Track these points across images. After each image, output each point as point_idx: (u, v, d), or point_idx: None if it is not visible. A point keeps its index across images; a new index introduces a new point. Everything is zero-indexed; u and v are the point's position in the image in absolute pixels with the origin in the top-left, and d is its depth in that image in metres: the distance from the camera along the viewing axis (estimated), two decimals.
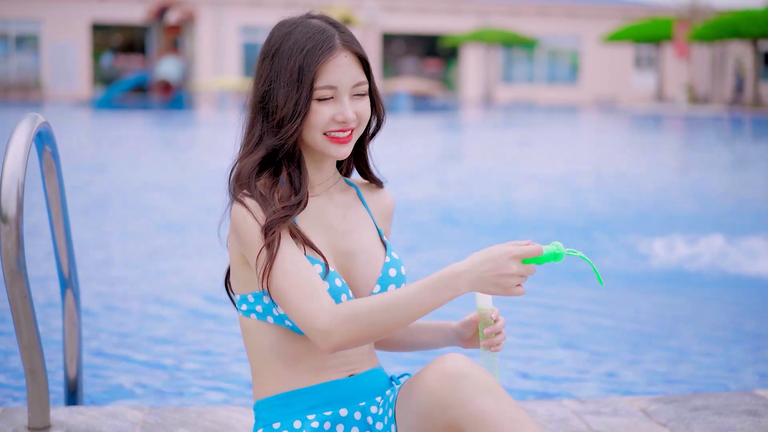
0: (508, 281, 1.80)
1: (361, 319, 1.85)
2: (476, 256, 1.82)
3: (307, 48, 1.95)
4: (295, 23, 2.00)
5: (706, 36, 33.99)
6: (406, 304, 1.84)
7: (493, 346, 2.01)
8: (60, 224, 2.81)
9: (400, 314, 1.85)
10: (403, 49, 44.45)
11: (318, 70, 1.95)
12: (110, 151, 15.26)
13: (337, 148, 2.00)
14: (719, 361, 4.46)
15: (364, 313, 1.85)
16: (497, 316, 2.01)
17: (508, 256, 1.80)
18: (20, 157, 2.37)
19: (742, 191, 11.46)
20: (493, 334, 2.01)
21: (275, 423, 2.00)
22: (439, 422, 1.85)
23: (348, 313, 1.86)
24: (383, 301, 1.85)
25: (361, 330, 1.86)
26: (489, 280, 1.80)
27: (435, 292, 1.83)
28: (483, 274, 1.80)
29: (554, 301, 5.76)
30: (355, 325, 1.85)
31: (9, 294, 2.40)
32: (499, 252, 1.81)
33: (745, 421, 2.81)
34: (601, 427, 2.80)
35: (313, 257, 1.96)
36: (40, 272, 5.75)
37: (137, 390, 3.91)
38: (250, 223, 1.92)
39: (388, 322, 1.85)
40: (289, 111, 1.95)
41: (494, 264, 1.80)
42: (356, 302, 1.87)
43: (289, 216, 1.93)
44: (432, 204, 9.66)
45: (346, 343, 1.87)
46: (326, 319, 1.86)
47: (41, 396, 2.55)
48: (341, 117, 1.98)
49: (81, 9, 39.44)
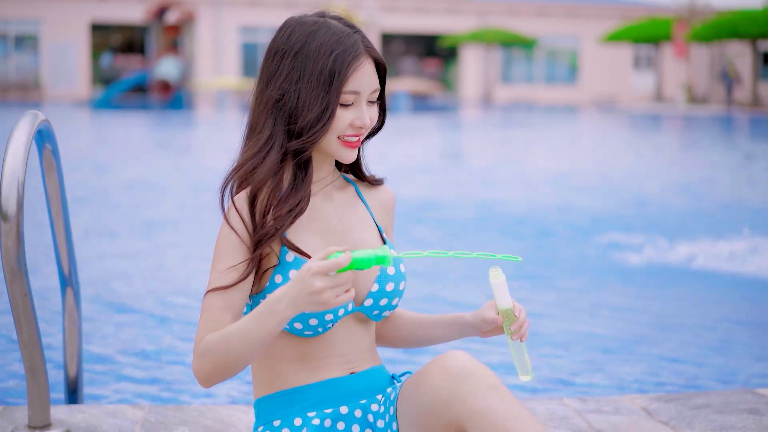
0: (321, 297, 1.74)
1: (211, 353, 1.86)
2: (293, 277, 1.80)
3: (336, 52, 1.93)
4: (316, 23, 1.96)
5: (705, 36, 34.01)
6: (240, 335, 1.83)
7: (521, 336, 2.02)
8: (60, 222, 2.80)
9: (238, 346, 1.83)
10: (402, 49, 44.46)
11: (348, 76, 1.93)
12: (110, 151, 15.25)
13: (349, 152, 1.99)
14: (720, 360, 4.46)
15: (211, 346, 1.86)
16: (520, 310, 2.01)
17: (308, 273, 1.74)
18: (20, 154, 2.36)
19: (742, 191, 11.46)
20: (518, 327, 2.01)
21: (276, 420, 2.00)
22: (441, 420, 1.84)
23: (201, 349, 1.87)
24: (223, 333, 1.85)
25: (214, 363, 1.86)
26: (303, 300, 1.75)
27: (260, 323, 1.80)
28: (296, 295, 1.76)
29: (555, 299, 5.77)
30: (208, 359, 1.86)
31: (9, 292, 2.39)
32: (301, 271, 1.75)
33: (746, 419, 2.81)
34: (602, 425, 2.79)
35: (305, 260, 1.95)
36: (40, 270, 5.74)
37: (138, 388, 3.90)
38: (237, 228, 1.92)
39: (232, 353, 1.83)
40: (317, 114, 1.93)
41: (301, 284, 1.75)
42: (209, 336, 1.88)
43: (282, 229, 1.93)
44: (428, 203, 9.65)
45: (209, 378, 1.88)
46: (195, 353, 1.89)
47: (41, 394, 2.54)
48: (359, 122, 1.97)
49: (80, 9, 39.43)
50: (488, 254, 1.89)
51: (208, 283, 1.93)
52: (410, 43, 44.69)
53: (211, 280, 1.92)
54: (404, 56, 44.44)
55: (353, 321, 2.02)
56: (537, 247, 7.56)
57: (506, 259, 1.90)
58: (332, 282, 1.73)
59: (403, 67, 43.64)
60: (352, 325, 2.02)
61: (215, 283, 1.91)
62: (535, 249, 7.50)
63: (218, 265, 1.92)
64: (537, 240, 7.85)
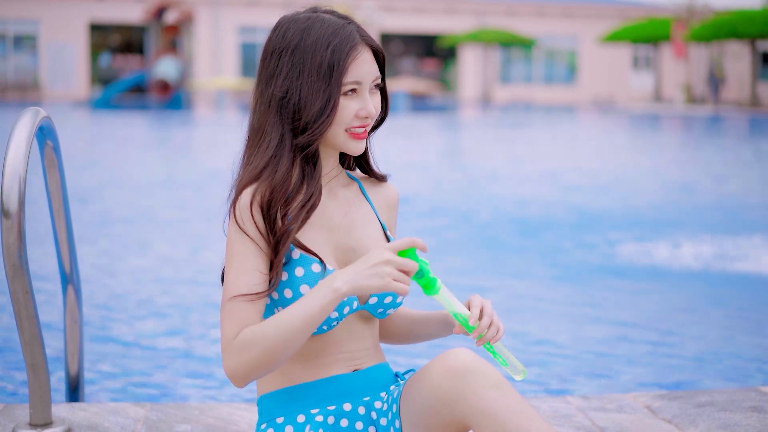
0: (382, 269, 1.79)
1: (254, 343, 1.84)
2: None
3: (333, 43, 1.93)
4: (310, 18, 1.96)
5: (704, 36, 34.03)
6: (291, 318, 1.82)
7: (488, 340, 1.94)
8: (61, 219, 2.79)
9: (288, 328, 1.82)
10: (401, 49, 44.46)
11: (347, 66, 1.93)
12: (109, 150, 15.24)
13: (357, 144, 1.98)
14: (724, 358, 4.45)
15: (254, 336, 1.84)
16: (476, 319, 1.92)
17: (380, 248, 1.82)
18: (22, 151, 2.35)
19: (742, 190, 11.46)
20: (483, 332, 1.93)
21: (279, 418, 1.99)
22: (445, 417, 1.83)
23: (239, 344, 1.85)
24: (269, 321, 1.85)
25: (258, 353, 1.84)
26: (365, 272, 1.80)
27: (313, 300, 1.81)
28: (357, 267, 1.81)
29: (558, 297, 5.76)
30: (252, 350, 1.84)
31: (11, 289, 2.37)
32: (374, 249, 1.84)
33: (750, 417, 2.80)
34: (605, 423, 2.78)
35: (312, 258, 1.95)
36: (41, 268, 5.73)
37: (139, 386, 3.89)
38: (254, 235, 1.91)
39: (280, 338, 1.82)
40: (320, 107, 1.92)
41: (367, 257, 1.82)
42: (249, 329, 1.86)
43: (299, 226, 1.92)
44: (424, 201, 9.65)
45: (249, 372, 1.86)
46: (230, 351, 1.86)
47: (43, 392, 2.52)
48: (364, 112, 1.96)
49: (79, 9, 39.42)
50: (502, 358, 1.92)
51: (228, 291, 1.90)
52: (409, 43, 44.69)
53: (232, 288, 1.89)
54: (403, 56, 44.44)
55: (357, 319, 2.02)
56: (537, 245, 7.56)
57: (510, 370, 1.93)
58: (398, 260, 1.79)
59: (401, 68, 43.63)
60: (356, 323, 2.02)
61: (237, 291, 1.89)
62: (536, 247, 7.50)
63: (240, 279, 1.89)
64: (537, 238, 7.85)
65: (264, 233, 1.91)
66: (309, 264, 1.94)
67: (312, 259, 1.94)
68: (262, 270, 1.91)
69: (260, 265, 1.91)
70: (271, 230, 1.91)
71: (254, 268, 1.90)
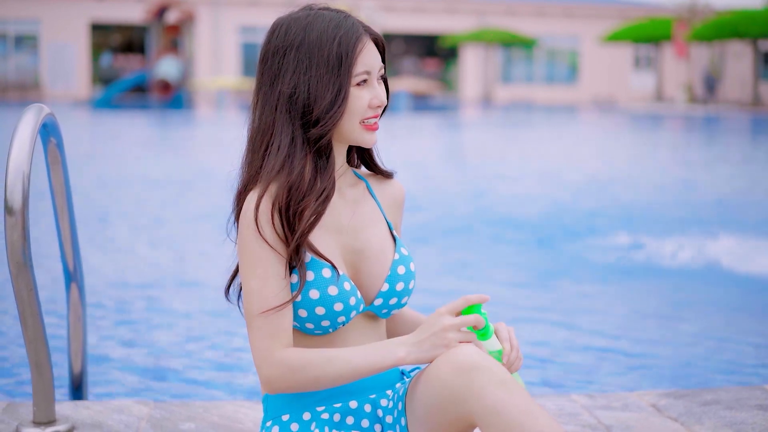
0: (443, 337, 1.84)
1: (306, 371, 1.88)
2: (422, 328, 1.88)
3: (339, 35, 1.92)
4: (309, 15, 1.96)
5: (706, 36, 34.01)
6: (346, 363, 1.87)
7: (510, 368, 1.96)
8: (65, 216, 2.78)
9: (339, 371, 1.87)
10: (402, 49, 44.44)
11: (355, 57, 1.93)
12: (109, 150, 15.24)
13: (371, 136, 1.99)
14: (729, 356, 4.45)
15: (310, 364, 1.88)
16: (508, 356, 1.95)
17: (438, 314, 1.85)
18: (26, 148, 2.34)
19: (742, 190, 11.45)
20: (511, 364, 1.97)
21: (284, 415, 1.98)
22: (451, 415, 1.82)
23: (294, 364, 1.88)
24: (326, 355, 1.88)
25: (304, 381, 1.89)
26: (427, 343, 1.84)
27: (372, 360, 1.86)
28: (420, 336, 1.85)
29: (563, 296, 5.76)
30: (299, 376, 1.88)
31: (15, 287, 2.36)
32: (431, 316, 1.87)
33: (756, 415, 2.79)
34: (611, 421, 2.78)
35: (323, 262, 1.94)
36: (44, 265, 5.73)
37: (143, 384, 3.88)
38: (267, 233, 1.90)
39: (330, 376, 1.88)
40: (331, 99, 1.92)
41: (428, 325, 1.85)
42: (306, 353, 1.89)
43: (317, 220, 1.92)
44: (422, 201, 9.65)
45: (285, 390, 1.91)
46: (272, 364, 1.89)
47: (46, 390, 2.52)
48: (377, 101, 1.97)
49: (80, 9, 39.41)
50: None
51: (256, 304, 1.89)
52: (410, 43, 44.68)
53: (259, 300, 1.89)
54: (404, 56, 44.42)
55: (363, 319, 2.02)
56: (539, 245, 7.55)
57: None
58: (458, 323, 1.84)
59: (402, 67, 43.62)
60: (361, 323, 2.02)
61: (266, 305, 1.89)
62: (537, 247, 7.49)
63: (265, 288, 1.90)
64: (538, 238, 7.84)
65: (282, 236, 1.90)
66: (320, 269, 1.93)
67: (323, 264, 1.93)
68: (284, 275, 1.91)
69: (281, 271, 1.91)
70: (290, 230, 1.90)
71: (276, 275, 1.90)
